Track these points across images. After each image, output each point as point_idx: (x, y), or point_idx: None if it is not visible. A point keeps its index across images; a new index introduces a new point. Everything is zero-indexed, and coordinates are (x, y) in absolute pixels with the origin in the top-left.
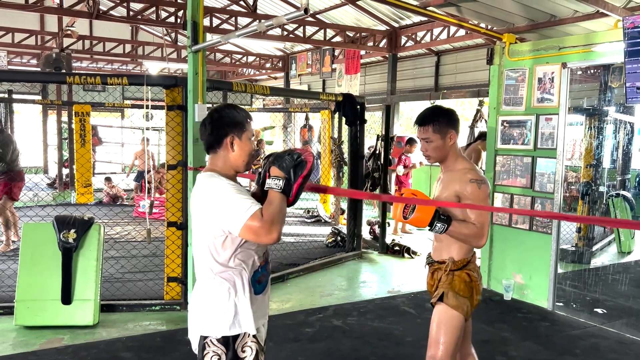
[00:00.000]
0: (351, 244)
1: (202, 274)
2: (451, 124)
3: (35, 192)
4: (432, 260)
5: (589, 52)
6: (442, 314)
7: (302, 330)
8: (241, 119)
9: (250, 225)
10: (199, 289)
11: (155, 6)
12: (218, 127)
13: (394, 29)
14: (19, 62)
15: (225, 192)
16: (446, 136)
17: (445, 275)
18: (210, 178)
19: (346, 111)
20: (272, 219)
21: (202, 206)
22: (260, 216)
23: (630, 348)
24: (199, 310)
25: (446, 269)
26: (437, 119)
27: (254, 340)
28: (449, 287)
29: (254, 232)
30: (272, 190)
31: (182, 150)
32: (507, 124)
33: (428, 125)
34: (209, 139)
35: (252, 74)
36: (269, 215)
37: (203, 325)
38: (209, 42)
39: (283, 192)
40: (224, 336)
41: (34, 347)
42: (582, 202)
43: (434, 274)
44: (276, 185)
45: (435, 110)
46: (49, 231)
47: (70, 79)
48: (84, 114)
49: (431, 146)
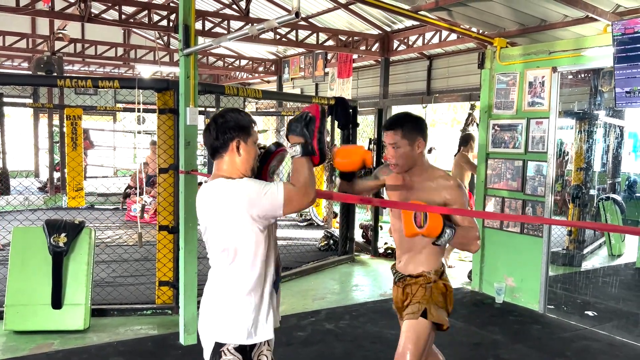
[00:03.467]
0: (344, 247)
1: (218, 278)
2: (420, 132)
3: (25, 195)
4: (401, 275)
5: (579, 56)
6: (417, 328)
7: (295, 334)
8: (246, 123)
9: (288, 197)
10: (213, 293)
11: (147, 9)
12: (223, 131)
13: (386, 33)
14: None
15: (249, 185)
16: (414, 143)
17: (422, 288)
18: (225, 182)
19: (338, 115)
20: (303, 183)
21: (226, 211)
22: (291, 186)
23: (621, 350)
24: (215, 317)
25: (424, 282)
26: (406, 124)
27: (269, 349)
28: (429, 301)
29: (293, 200)
30: (294, 158)
31: (173, 153)
32: (498, 128)
33: (397, 130)
34: (215, 144)
35: (244, 78)
36: (299, 181)
37: (220, 332)
38: (200, 45)
39: (305, 154)
40: (242, 345)
41: (23, 352)
42: (573, 205)
43: (405, 289)
44: (294, 151)
45: (405, 115)
46: (39, 235)
47: (62, 82)
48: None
49: (399, 152)
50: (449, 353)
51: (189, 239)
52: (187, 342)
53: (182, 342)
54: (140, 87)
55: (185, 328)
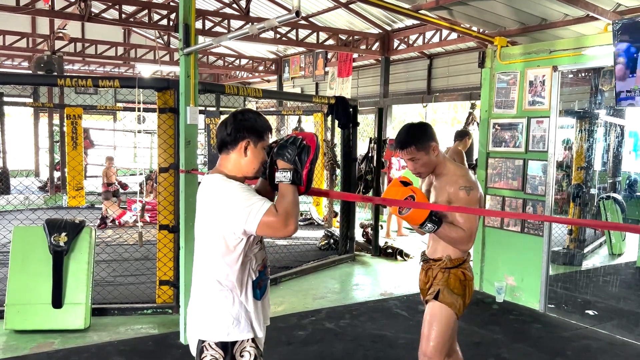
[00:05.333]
0: (344, 246)
1: (202, 277)
2: (430, 138)
3: (26, 195)
4: (426, 258)
5: (580, 55)
6: (435, 311)
7: (295, 333)
8: (262, 128)
9: (266, 221)
10: (198, 292)
11: (147, 9)
12: (238, 128)
13: (387, 32)
14: (10, 64)
15: (237, 193)
16: (430, 150)
17: (441, 272)
18: (220, 180)
19: (339, 114)
20: (286, 212)
21: (211, 209)
22: (274, 211)
23: (621, 349)
24: (197, 314)
25: (442, 266)
26: (416, 138)
27: (253, 345)
28: (445, 285)
29: (271, 227)
30: (282, 183)
31: (174, 153)
32: (499, 127)
33: (410, 147)
34: (225, 138)
35: (245, 77)
36: (283, 208)
37: (201, 329)
38: (201, 44)
39: (293, 183)
40: (222, 341)
41: (24, 352)
42: (574, 204)
43: (427, 271)
44: (284, 177)
45: (411, 130)
46: (39, 234)
47: (62, 81)
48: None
49: (419, 163)
50: None
51: (190, 238)
52: (187, 341)
53: (183, 342)
54: (141, 86)
55: (186, 327)
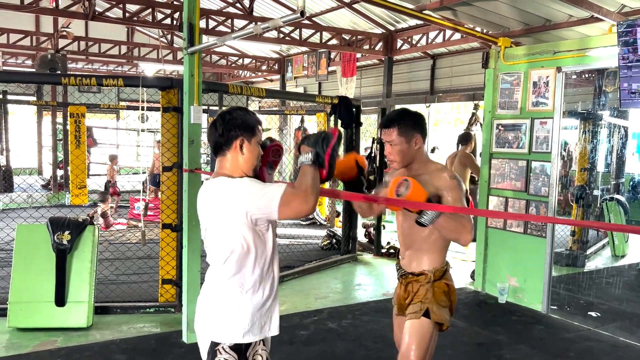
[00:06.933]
0: (346, 246)
1: (217, 278)
2: (417, 128)
3: (29, 193)
4: (404, 272)
5: (584, 56)
6: (420, 327)
7: (297, 332)
8: (252, 123)
9: (286, 199)
10: (212, 293)
11: (151, 8)
12: (229, 128)
13: (390, 32)
14: (14, 62)
15: (250, 185)
16: (411, 140)
17: (424, 288)
18: (226, 181)
19: (342, 114)
20: (305, 188)
21: (227, 206)
22: (291, 189)
23: (624, 351)
24: (210, 315)
25: (428, 281)
26: (402, 121)
27: (264, 348)
28: (432, 302)
29: (290, 204)
30: (303, 165)
31: (177, 152)
32: (502, 128)
33: (393, 128)
34: (219, 140)
35: (248, 76)
36: (302, 185)
37: (215, 331)
38: (205, 44)
39: (314, 164)
40: (237, 343)
41: (27, 350)
42: (577, 205)
43: (407, 286)
44: (306, 158)
45: (402, 112)
46: (43, 233)
47: (66, 80)
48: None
49: (395, 149)
50: (452, 353)
51: (192, 237)
52: (189, 340)
53: (185, 340)
54: (144, 85)
55: (188, 326)
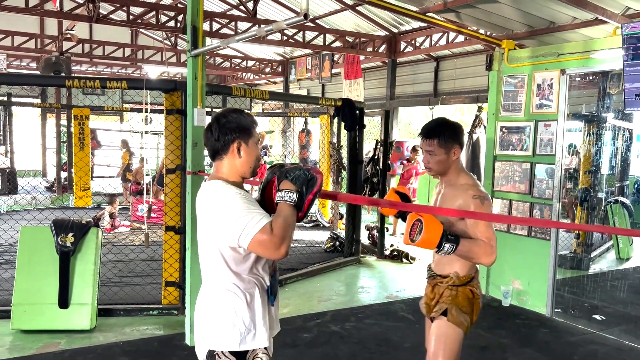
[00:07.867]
0: (350, 249)
1: (212, 283)
2: (457, 139)
3: (33, 195)
4: (433, 273)
5: (588, 58)
6: (443, 329)
7: (300, 335)
8: (248, 124)
9: (259, 239)
10: (208, 299)
11: (155, 10)
12: (225, 132)
13: (394, 35)
14: (19, 65)
15: (235, 204)
16: (450, 151)
17: (449, 290)
18: (219, 187)
19: (345, 116)
20: (282, 234)
21: (212, 217)
22: (269, 230)
23: (629, 355)
24: (207, 322)
25: (450, 284)
26: (443, 133)
27: (265, 352)
28: (453, 303)
29: (262, 246)
30: (284, 203)
31: (180, 154)
32: (506, 130)
33: (434, 139)
34: (215, 145)
35: (251, 79)
36: (279, 229)
37: (212, 338)
38: (208, 46)
39: (295, 206)
40: (235, 350)
41: (30, 352)
42: (581, 208)
43: (434, 287)
44: (289, 198)
45: (442, 123)
46: (46, 235)
47: (70, 82)
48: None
49: (434, 159)
50: None
51: (196, 239)
52: (193, 342)
53: (188, 343)
54: (148, 87)
55: (191, 328)
